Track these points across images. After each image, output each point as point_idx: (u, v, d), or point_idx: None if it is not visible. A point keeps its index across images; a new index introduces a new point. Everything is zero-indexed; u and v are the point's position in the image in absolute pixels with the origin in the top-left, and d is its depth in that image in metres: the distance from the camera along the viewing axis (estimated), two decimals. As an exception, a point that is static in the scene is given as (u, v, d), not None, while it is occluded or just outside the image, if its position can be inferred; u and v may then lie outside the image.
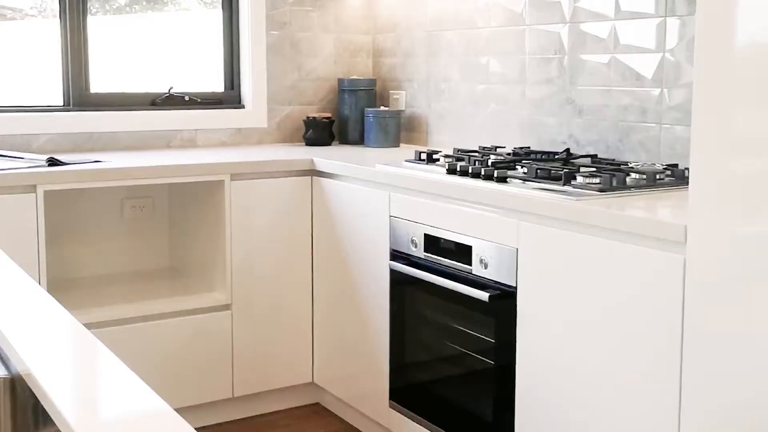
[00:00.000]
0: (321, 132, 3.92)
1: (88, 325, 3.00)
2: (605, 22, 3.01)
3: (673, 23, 2.78)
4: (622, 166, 2.70)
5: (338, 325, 3.33)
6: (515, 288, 2.46)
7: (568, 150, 3.11)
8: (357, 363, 3.22)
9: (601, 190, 2.37)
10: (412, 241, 2.87)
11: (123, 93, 3.77)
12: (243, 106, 3.97)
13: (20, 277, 1.53)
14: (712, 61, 1.87)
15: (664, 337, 2.03)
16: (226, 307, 3.32)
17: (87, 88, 3.66)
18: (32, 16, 3.75)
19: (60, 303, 1.39)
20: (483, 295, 2.53)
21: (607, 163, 2.84)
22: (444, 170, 2.83)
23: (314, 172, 3.41)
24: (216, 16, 3.98)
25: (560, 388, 2.34)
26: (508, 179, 2.60)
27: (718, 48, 1.86)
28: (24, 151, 3.41)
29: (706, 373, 1.93)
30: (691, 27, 2.72)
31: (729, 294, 1.86)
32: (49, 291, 3.01)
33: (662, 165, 2.73)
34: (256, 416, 3.47)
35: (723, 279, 1.87)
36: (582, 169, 2.61)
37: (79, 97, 3.64)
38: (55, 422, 0.98)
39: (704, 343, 1.93)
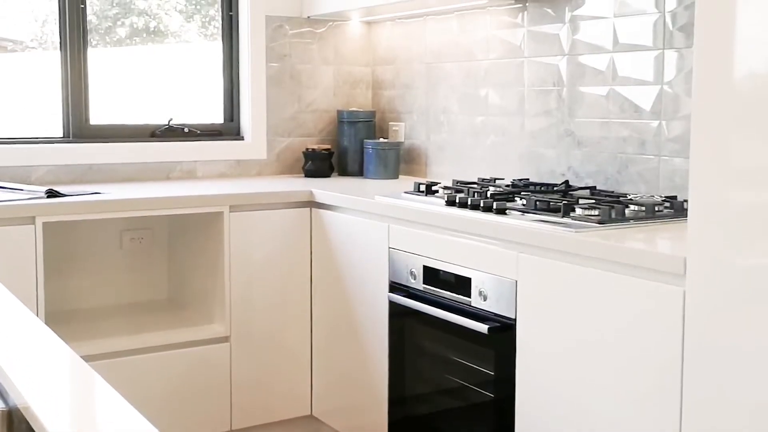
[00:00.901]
0: (320, 163, 3.92)
1: (86, 358, 2.98)
2: (603, 55, 3.02)
3: (671, 56, 2.79)
4: (621, 198, 2.70)
5: (337, 357, 3.31)
6: (514, 320, 2.46)
7: (567, 182, 3.11)
8: (356, 395, 3.21)
9: (600, 222, 2.36)
10: (411, 272, 2.86)
11: (123, 124, 3.78)
12: (242, 138, 3.98)
13: (18, 309, 1.53)
14: (711, 93, 1.87)
15: (664, 369, 2.02)
16: (225, 339, 3.30)
17: (87, 119, 3.67)
18: (33, 48, 3.77)
19: (58, 335, 1.39)
20: (482, 328, 2.52)
21: (606, 195, 2.84)
22: (443, 202, 2.83)
23: (313, 204, 3.41)
24: (216, 48, 4.00)
25: (560, 420, 2.33)
26: (507, 211, 2.60)
27: (716, 80, 1.86)
28: (23, 183, 3.41)
29: (706, 405, 1.92)
30: (689, 59, 2.73)
31: (729, 326, 1.85)
32: (47, 323, 3.00)
33: (661, 197, 2.73)
34: (255, 449, 3.45)
35: (723, 311, 1.87)
36: (581, 201, 2.61)
37: (78, 128, 3.65)
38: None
39: (704, 375, 1.92)
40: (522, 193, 2.82)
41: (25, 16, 3.73)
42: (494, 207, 2.61)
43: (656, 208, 2.53)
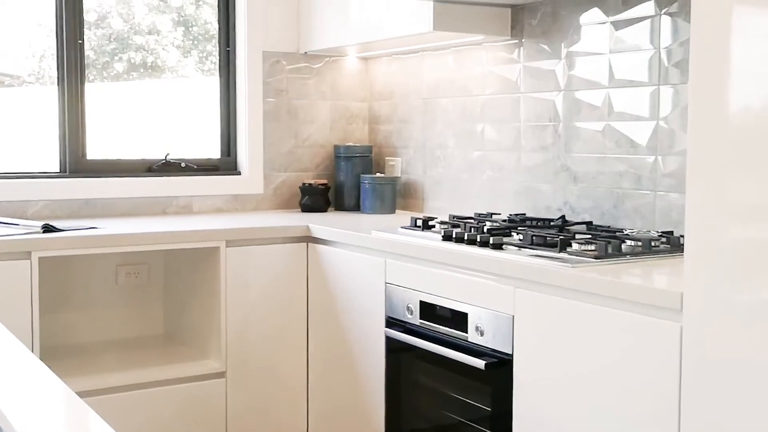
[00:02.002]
0: (317, 198, 3.93)
1: (81, 393, 2.95)
2: (599, 90, 3.03)
3: (666, 91, 2.80)
4: (617, 233, 2.70)
5: (334, 392, 3.30)
6: (511, 356, 2.45)
7: (563, 217, 3.12)
8: (352, 431, 3.19)
9: (596, 257, 2.36)
10: (408, 308, 2.86)
11: (119, 159, 3.78)
12: (239, 173, 3.98)
13: (13, 344, 1.52)
14: (706, 129, 1.88)
15: (661, 404, 2.01)
16: (221, 374, 3.29)
17: (83, 154, 3.67)
18: (30, 83, 3.78)
19: (53, 370, 1.38)
20: (479, 363, 2.51)
21: (602, 230, 2.84)
22: (440, 237, 2.83)
23: (310, 239, 3.40)
24: (213, 83, 4.01)
25: (558, 457, 2.32)
26: (503, 246, 2.60)
27: (711, 116, 1.87)
28: (19, 218, 3.41)
29: (704, 442, 1.91)
30: (684, 95, 2.74)
31: (727, 361, 1.85)
32: (42, 358, 2.99)
33: (657, 232, 2.73)
34: (250, 486, 3.42)
35: (720, 346, 1.86)
36: (577, 236, 2.61)
37: (75, 163, 3.65)
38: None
39: (702, 410, 1.91)
40: (518, 228, 2.82)
41: (23, 51, 3.74)
42: (491, 242, 2.61)
43: (653, 244, 2.53)
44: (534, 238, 2.58)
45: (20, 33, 3.72)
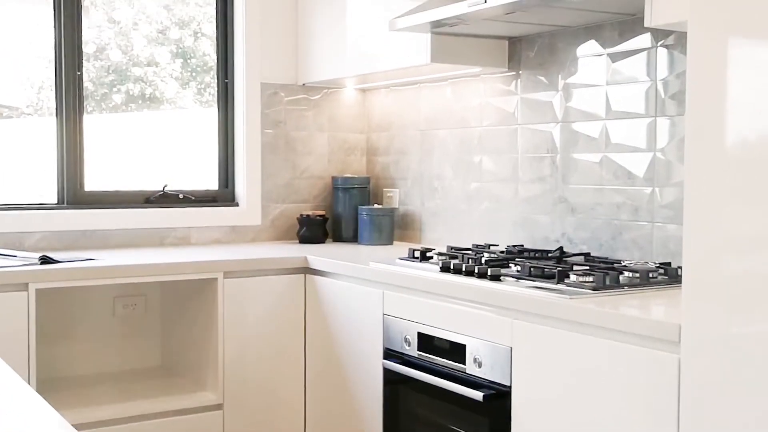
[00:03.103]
0: (315, 230, 3.93)
1: (78, 426, 2.95)
2: (596, 122, 3.04)
3: (663, 123, 2.81)
4: (615, 265, 2.70)
5: (331, 424, 3.28)
6: (510, 387, 2.44)
7: (561, 248, 3.11)
8: (350, 464, 3.17)
9: (594, 289, 2.36)
10: (406, 339, 2.85)
11: (117, 191, 3.79)
12: (237, 204, 3.98)
13: (9, 376, 1.52)
14: (703, 160, 1.88)
15: (660, 437, 2.01)
16: (218, 406, 3.27)
17: (81, 185, 3.67)
18: (28, 114, 3.79)
19: (49, 403, 1.37)
20: (477, 395, 2.50)
21: (600, 262, 2.84)
22: (437, 268, 2.82)
23: (307, 270, 3.40)
24: (211, 114, 4.02)
25: (556, 490, 2.30)
26: (501, 277, 2.59)
27: (708, 147, 1.87)
28: (17, 249, 3.41)
29: (704, 475, 1.90)
30: (681, 126, 2.75)
31: (725, 394, 1.84)
32: (38, 390, 2.98)
33: (655, 263, 2.73)
34: None
35: (718, 378, 1.85)
36: (575, 268, 2.61)
37: (73, 194, 3.65)
38: None
39: (702, 444, 1.90)
40: (516, 259, 2.81)
41: (22, 83, 3.75)
42: (489, 273, 2.61)
43: (650, 275, 2.53)
44: (532, 269, 2.58)
45: (19, 64, 3.74)
